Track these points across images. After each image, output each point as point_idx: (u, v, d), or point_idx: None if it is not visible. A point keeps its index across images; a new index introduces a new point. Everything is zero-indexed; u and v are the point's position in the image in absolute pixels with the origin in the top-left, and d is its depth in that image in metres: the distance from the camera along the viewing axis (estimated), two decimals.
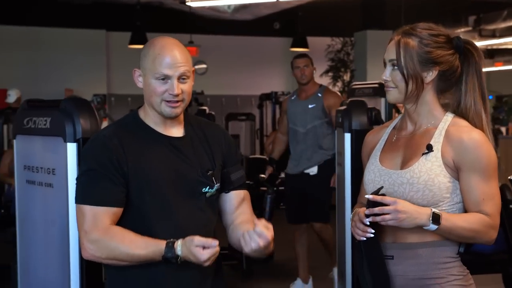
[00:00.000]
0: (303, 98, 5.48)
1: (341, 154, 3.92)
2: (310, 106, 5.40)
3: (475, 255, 2.36)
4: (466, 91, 2.22)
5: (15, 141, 2.99)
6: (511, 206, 3.62)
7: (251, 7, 9.72)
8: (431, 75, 2.18)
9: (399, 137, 2.27)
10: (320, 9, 10.62)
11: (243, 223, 2.27)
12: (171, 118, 2.23)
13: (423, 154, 2.14)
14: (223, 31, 12.58)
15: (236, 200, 2.33)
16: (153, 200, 2.16)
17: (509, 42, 12.26)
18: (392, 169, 2.20)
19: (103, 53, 12.59)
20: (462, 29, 11.08)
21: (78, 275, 2.63)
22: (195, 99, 9.50)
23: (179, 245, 2.05)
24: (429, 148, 2.14)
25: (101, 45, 12.57)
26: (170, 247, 2.05)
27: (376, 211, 2.06)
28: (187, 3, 9.04)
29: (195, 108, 8.26)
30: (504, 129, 12.34)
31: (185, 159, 2.23)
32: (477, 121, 2.19)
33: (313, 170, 5.39)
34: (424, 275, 2.15)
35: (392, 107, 5.84)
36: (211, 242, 2.01)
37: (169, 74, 2.17)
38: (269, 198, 5.24)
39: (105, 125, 4.90)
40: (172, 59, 2.17)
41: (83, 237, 2.13)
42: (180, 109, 2.22)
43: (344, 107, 4.05)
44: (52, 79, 11.86)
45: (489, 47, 12.76)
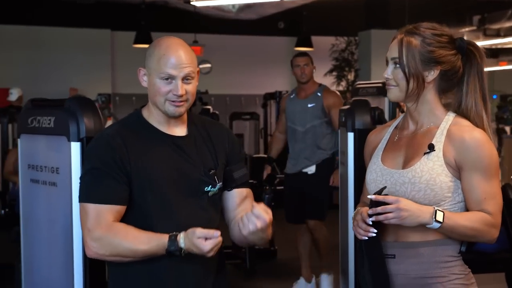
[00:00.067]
0: (302, 97, 5.46)
1: (344, 153, 3.92)
2: (309, 105, 5.38)
3: (477, 254, 2.36)
4: (467, 92, 2.22)
5: (19, 140, 3.00)
6: None
7: (255, 6, 9.73)
8: (432, 75, 2.18)
9: (401, 136, 2.28)
10: (324, 8, 10.63)
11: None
12: (174, 117, 2.24)
13: (424, 154, 2.15)
14: (227, 30, 12.59)
15: (238, 198, 2.34)
16: (155, 199, 2.17)
17: None
18: (394, 168, 2.20)
19: (107, 52, 12.61)
20: (467, 29, 11.07)
21: (82, 274, 2.64)
22: (199, 98, 9.50)
23: (181, 237, 2.06)
24: (431, 148, 2.14)
25: (106, 44, 12.58)
26: (173, 240, 2.07)
27: (379, 210, 2.06)
28: (192, 3, 9.05)
29: (199, 107, 8.27)
30: (508, 128, 12.28)
31: (188, 158, 2.24)
32: (478, 122, 2.20)
33: (311, 169, 5.37)
34: (426, 274, 2.15)
35: (396, 106, 5.83)
36: (213, 233, 2.03)
37: (173, 74, 2.18)
38: (266, 198, 5.26)
39: (109, 124, 4.92)
40: (177, 59, 2.18)
41: (86, 235, 2.14)
42: (183, 108, 2.23)
43: (348, 106, 4.05)
44: (57, 78, 11.86)
45: (494, 47, 12.76)
